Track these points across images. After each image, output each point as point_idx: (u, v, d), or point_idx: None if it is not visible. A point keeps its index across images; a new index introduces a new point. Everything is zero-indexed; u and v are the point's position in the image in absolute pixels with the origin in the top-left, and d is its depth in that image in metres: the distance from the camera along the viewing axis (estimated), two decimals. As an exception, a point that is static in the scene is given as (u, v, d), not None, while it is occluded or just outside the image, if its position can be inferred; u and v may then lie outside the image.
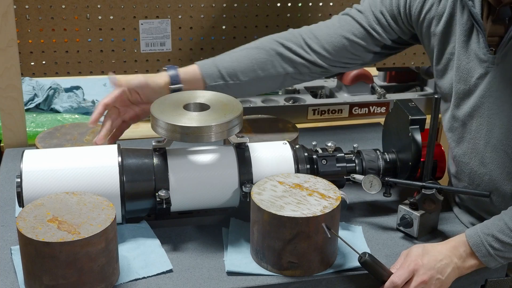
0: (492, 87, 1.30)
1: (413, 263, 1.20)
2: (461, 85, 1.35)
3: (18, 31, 1.75)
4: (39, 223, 1.11)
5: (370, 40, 1.48)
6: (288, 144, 1.37)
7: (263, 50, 1.48)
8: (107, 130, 1.40)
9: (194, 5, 1.86)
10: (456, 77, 1.36)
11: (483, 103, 1.31)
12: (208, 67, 1.46)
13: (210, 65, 1.46)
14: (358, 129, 1.89)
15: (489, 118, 1.31)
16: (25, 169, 1.23)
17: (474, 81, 1.32)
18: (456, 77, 1.36)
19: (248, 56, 1.48)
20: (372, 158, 1.39)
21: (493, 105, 1.30)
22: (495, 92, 1.29)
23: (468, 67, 1.33)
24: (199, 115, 1.29)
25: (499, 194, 1.34)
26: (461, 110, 1.37)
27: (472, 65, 1.32)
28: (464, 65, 1.34)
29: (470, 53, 1.32)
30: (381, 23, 1.47)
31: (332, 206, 1.19)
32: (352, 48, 1.49)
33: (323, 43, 1.48)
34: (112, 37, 1.84)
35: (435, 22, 1.39)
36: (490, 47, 1.29)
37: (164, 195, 1.25)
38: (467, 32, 1.33)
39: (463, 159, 1.38)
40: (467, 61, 1.33)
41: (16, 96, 1.73)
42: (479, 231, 1.25)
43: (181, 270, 1.23)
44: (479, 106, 1.32)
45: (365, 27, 1.47)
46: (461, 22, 1.33)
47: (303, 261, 1.20)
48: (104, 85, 2.42)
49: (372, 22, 1.47)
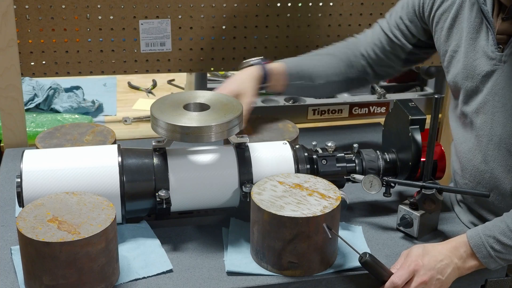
0: (498, 84, 1.31)
1: (414, 263, 1.20)
2: (468, 82, 1.36)
3: (18, 31, 1.75)
4: (39, 223, 1.11)
5: (393, 45, 1.55)
6: (288, 144, 1.37)
7: (336, 57, 1.59)
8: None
9: (194, 5, 1.86)
10: (464, 74, 1.37)
11: (488, 100, 1.32)
12: (291, 66, 1.56)
13: (293, 66, 1.56)
14: (358, 129, 1.89)
15: (493, 116, 1.32)
16: (25, 169, 1.23)
17: (480, 78, 1.33)
18: (464, 74, 1.37)
19: (323, 61, 1.59)
20: (372, 158, 1.39)
21: (498, 103, 1.31)
22: (500, 90, 1.30)
23: (475, 64, 1.34)
24: (199, 115, 1.29)
25: (499, 192, 1.34)
26: (468, 107, 1.38)
27: (479, 62, 1.33)
28: (471, 62, 1.35)
29: (478, 50, 1.33)
30: (400, 28, 1.52)
31: (332, 206, 1.19)
32: (383, 54, 1.56)
33: (367, 49, 1.58)
34: (112, 37, 1.84)
35: (443, 18, 1.41)
36: (498, 45, 1.29)
37: (164, 195, 1.25)
38: (475, 29, 1.34)
39: (467, 156, 1.39)
40: (474, 58, 1.34)
41: (16, 96, 1.73)
42: (481, 232, 1.25)
43: (181, 270, 1.23)
44: (485, 103, 1.33)
45: (387, 33, 1.55)
46: (469, 19, 1.35)
47: (303, 261, 1.20)
48: (104, 85, 2.43)
49: (392, 28, 1.54)
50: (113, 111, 2.20)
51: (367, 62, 1.59)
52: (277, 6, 1.93)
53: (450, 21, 1.39)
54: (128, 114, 2.14)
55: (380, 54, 1.56)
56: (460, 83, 1.38)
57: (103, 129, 1.56)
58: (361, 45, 1.59)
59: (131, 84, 2.45)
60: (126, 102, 2.30)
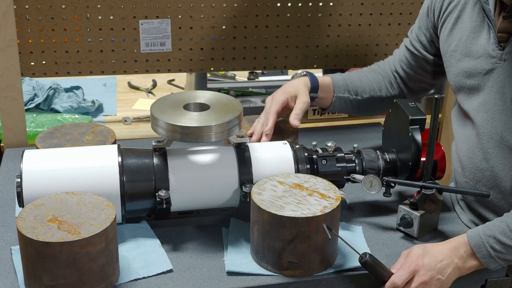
0: (499, 83, 1.31)
1: (414, 263, 1.20)
2: (469, 80, 1.37)
3: (18, 31, 1.75)
4: (39, 223, 1.11)
5: (416, 59, 1.56)
6: (288, 144, 1.37)
7: (378, 73, 1.63)
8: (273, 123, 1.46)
9: (194, 5, 1.86)
10: (464, 72, 1.38)
11: (489, 98, 1.33)
12: (338, 79, 1.59)
13: (340, 79, 1.60)
14: (358, 129, 1.89)
15: (494, 114, 1.32)
16: (25, 169, 1.23)
17: (481, 76, 1.34)
18: (464, 72, 1.38)
19: (367, 77, 1.62)
20: (372, 158, 1.39)
21: (499, 101, 1.31)
22: (501, 88, 1.31)
23: (476, 63, 1.34)
24: (199, 115, 1.29)
25: (499, 190, 1.35)
26: (468, 105, 1.38)
27: (480, 60, 1.34)
28: (472, 60, 1.36)
29: (479, 49, 1.35)
30: (420, 39, 1.54)
31: (332, 206, 1.19)
32: (411, 70, 1.58)
33: (397, 67, 1.61)
34: (112, 37, 1.84)
35: (448, 19, 1.43)
36: (499, 43, 1.30)
37: (164, 195, 1.25)
38: (477, 28, 1.35)
39: (467, 154, 1.39)
40: (475, 57, 1.35)
41: (16, 96, 1.73)
42: (481, 232, 1.25)
43: (181, 270, 1.23)
44: (486, 101, 1.34)
45: (409, 48, 1.57)
46: (471, 18, 1.36)
47: (303, 261, 1.20)
48: (104, 85, 2.43)
49: (413, 41, 1.56)
50: (113, 111, 2.20)
51: (400, 79, 1.61)
52: (277, 6, 1.93)
53: (453, 21, 1.41)
54: (128, 114, 2.14)
55: (408, 70, 1.58)
56: (461, 82, 1.39)
57: (103, 129, 1.56)
58: (392, 64, 1.63)
59: (131, 84, 2.45)
60: (126, 102, 2.30)
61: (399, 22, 2.03)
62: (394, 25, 2.03)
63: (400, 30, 2.04)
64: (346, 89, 1.58)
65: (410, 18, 2.03)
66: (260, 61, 1.99)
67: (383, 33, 2.04)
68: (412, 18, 2.03)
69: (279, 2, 1.93)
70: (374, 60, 2.06)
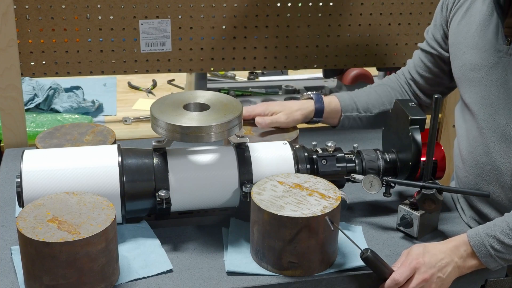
0: (503, 77, 1.32)
1: (415, 261, 1.20)
2: (473, 73, 1.37)
3: (18, 31, 1.75)
4: (39, 223, 1.11)
5: (432, 59, 1.54)
6: (288, 144, 1.37)
7: (387, 86, 1.60)
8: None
9: (194, 5, 1.86)
10: (470, 65, 1.38)
11: (492, 91, 1.33)
12: (345, 99, 1.58)
13: (348, 98, 1.58)
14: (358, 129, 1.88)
15: (497, 107, 1.33)
16: (25, 169, 1.23)
17: (486, 69, 1.34)
18: (469, 65, 1.38)
19: (376, 92, 1.60)
20: (372, 158, 1.39)
21: (502, 94, 1.32)
22: (505, 82, 1.32)
23: (482, 56, 1.35)
24: (199, 115, 1.29)
25: (500, 184, 1.35)
26: (471, 98, 1.38)
27: (486, 54, 1.35)
28: (478, 53, 1.36)
29: (487, 42, 1.35)
30: (436, 38, 1.52)
31: (332, 206, 1.19)
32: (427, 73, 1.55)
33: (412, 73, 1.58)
34: (112, 37, 1.84)
35: (458, 12, 1.43)
36: (507, 38, 1.32)
37: (164, 195, 1.25)
38: (486, 22, 1.36)
39: (468, 148, 1.39)
40: (481, 50, 1.35)
41: (16, 96, 1.73)
42: (481, 232, 1.25)
43: (181, 270, 1.23)
44: (488, 95, 1.34)
45: (425, 49, 1.55)
46: (481, 11, 1.37)
47: (303, 261, 1.20)
48: (104, 85, 2.43)
49: (429, 41, 1.54)
50: (113, 111, 2.20)
51: (416, 86, 1.58)
52: (277, 6, 1.93)
53: (462, 14, 1.41)
54: (128, 114, 2.14)
55: (425, 73, 1.55)
56: (465, 74, 1.39)
57: (103, 129, 1.56)
58: (406, 72, 1.60)
59: (131, 84, 2.45)
60: (126, 102, 2.30)
61: (399, 22, 2.03)
62: (394, 25, 2.03)
63: (400, 30, 2.04)
64: (354, 107, 1.57)
65: (410, 19, 2.03)
66: (260, 61, 1.99)
67: (383, 33, 2.04)
68: (412, 18, 2.03)
69: (279, 2, 1.93)
70: (373, 60, 2.07)
